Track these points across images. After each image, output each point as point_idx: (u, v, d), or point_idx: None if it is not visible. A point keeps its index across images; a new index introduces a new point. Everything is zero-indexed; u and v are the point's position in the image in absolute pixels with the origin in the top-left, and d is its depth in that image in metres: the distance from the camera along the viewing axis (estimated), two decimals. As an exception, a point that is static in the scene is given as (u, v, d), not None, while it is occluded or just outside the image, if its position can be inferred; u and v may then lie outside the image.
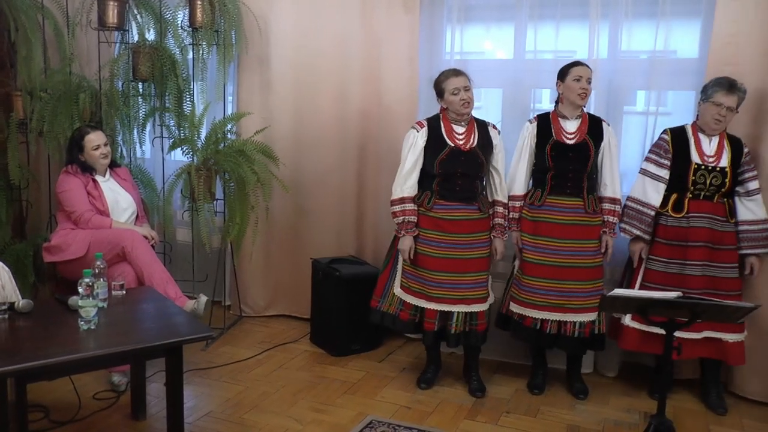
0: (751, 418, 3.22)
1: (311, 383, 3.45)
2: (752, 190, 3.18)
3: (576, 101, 3.21)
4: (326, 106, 4.12)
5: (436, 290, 3.27)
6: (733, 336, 3.19)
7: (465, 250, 3.25)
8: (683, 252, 3.19)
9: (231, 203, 4.02)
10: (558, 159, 3.24)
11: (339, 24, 4.03)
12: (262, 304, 4.43)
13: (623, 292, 2.48)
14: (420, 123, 3.32)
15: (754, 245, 3.17)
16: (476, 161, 3.23)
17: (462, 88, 3.17)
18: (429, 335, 3.35)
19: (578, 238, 3.24)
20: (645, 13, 3.51)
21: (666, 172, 3.26)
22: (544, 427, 3.05)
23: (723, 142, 3.19)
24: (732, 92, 3.08)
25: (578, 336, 3.25)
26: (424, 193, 3.30)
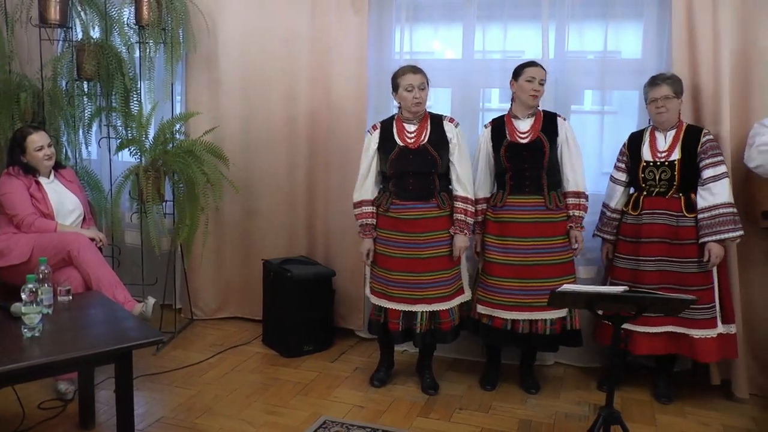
0: (694, 405, 3.33)
1: (264, 385, 3.43)
2: (706, 178, 3.16)
3: (527, 102, 3.26)
4: (276, 106, 4.10)
5: (397, 290, 3.28)
6: (701, 332, 3.20)
7: (424, 249, 3.25)
8: (636, 248, 3.27)
9: (180, 204, 3.96)
10: (513, 159, 3.29)
11: (288, 24, 4.01)
12: (214, 307, 4.38)
13: (571, 287, 2.53)
14: (374, 126, 3.35)
15: (711, 231, 3.12)
16: (427, 158, 3.23)
17: (416, 87, 3.18)
18: (396, 336, 3.35)
19: (542, 236, 3.27)
20: (590, 15, 3.61)
21: (622, 174, 3.38)
22: (496, 423, 3.10)
23: (679, 136, 3.24)
24: (657, 84, 3.18)
25: (549, 333, 3.29)
26: (383, 194, 3.32)
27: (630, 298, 2.48)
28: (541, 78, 3.22)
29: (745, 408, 3.32)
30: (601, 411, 2.50)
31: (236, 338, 4.06)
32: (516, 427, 3.07)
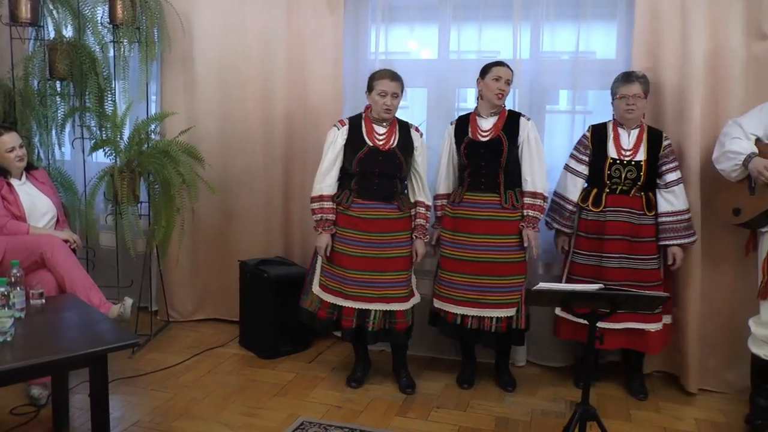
0: (667, 400, 3.39)
1: (241, 387, 3.41)
2: (670, 182, 3.25)
3: (492, 100, 3.28)
4: (252, 106, 4.08)
5: (353, 288, 3.28)
6: (653, 325, 3.31)
7: (383, 249, 3.27)
8: (600, 245, 3.31)
9: (156, 206, 3.93)
10: (471, 156, 3.32)
11: (264, 23, 4.00)
12: (190, 309, 4.35)
13: (547, 285, 2.55)
14: (341, 121, 3.34)
15: (675, 236, 3.24)
16: (395, 162, 3.25)
17: (390, 94, 3.19)
18: (348, 333, 3.36)
19: (495, 234, 3.30)
20: (565, 16, 3.63)
21: (584, 167, 3.38)
22: (473, 421, 3.12)
23: (642, 136, 3.30)
24: (631, 81, 3.22)
25: (495, 331, 3.32)
26: (344, 191, 3.32)
27: (604, 295, 2.51)
28: (508, 78, 3.25)
29: (713, 402, 3.40)
30: (578, 408, 2.52)
31: (213, 340, 4.04)
32: (493, 424, 3.09)
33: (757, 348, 3.06)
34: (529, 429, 3.06)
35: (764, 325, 3.01)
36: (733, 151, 3.03)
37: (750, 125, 3.06)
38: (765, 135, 3.04)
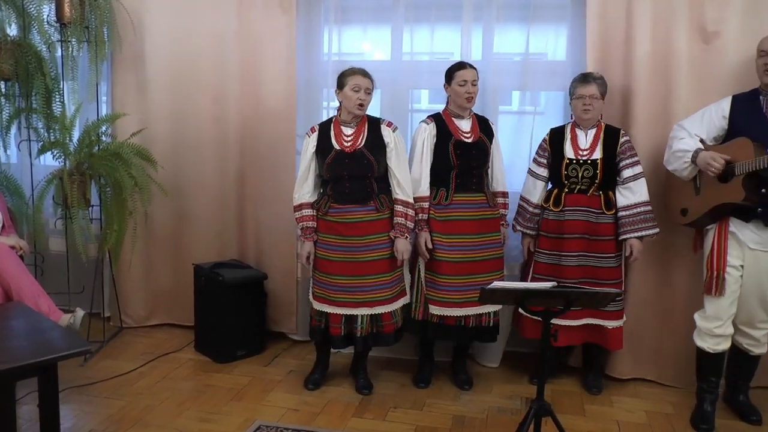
0: (619, 395, 3.48)
1: (197, 392, 3.37)
2: (627, 178, 3.31)
3: (463, 104, 3.31)
4: (205, 107, 4.03)
5: (337, 294, 3.27)
6: (613, 322, 3.39)
7: (363, 253, 3.25)
8: (559, 244, 3.37)
9: (108, 209, 3.85)
10: (462, 157, 3.33)
11: (216, 23, 3.95)
12: (144, 314, 4.28)
13: (501, 284, 2.58)
14: (312, 128, 3.35)
15: (631, 229, 3.29)
16: (363, 162, 3.23)
17: (363, 89, 3.19)
18: (337, 340, 3.34)
19: (486, 232, 3.37)
20: (515, 18, 3.69)
21: (544, 170, 3.46)
22: (430, 419, 3.14)
23: (599, 135, 3.37)
24: (588, 82, 3.29)
25: (493, 325, 3.40)
26: (322, 198, 3.32)
27: (558, 293, 2.56)
28: (473, 79, 3.29)
29: (663, 394, 3.50)
30: (533, 404, 2.56)
31: (167, 345, 3.98)
32: (450, 422, 3.12)
33: (701, 341, 3.16)
34: (485, 426, 3.10)
35: (708, 319, 3.12)
36: (681, 149, 3.13)
37: (693, 127, 3.17)
38: (707, 137, 3.15)
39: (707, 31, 3.37)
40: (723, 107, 3.12)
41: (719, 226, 3.10)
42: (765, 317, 3.12)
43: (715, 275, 3.06)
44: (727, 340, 3.13)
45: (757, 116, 3.01)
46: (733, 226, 3.06)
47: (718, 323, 3.09)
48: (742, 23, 3.30)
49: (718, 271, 3.05)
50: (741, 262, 3.05)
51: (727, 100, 3.13)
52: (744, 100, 3.09)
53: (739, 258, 3.05)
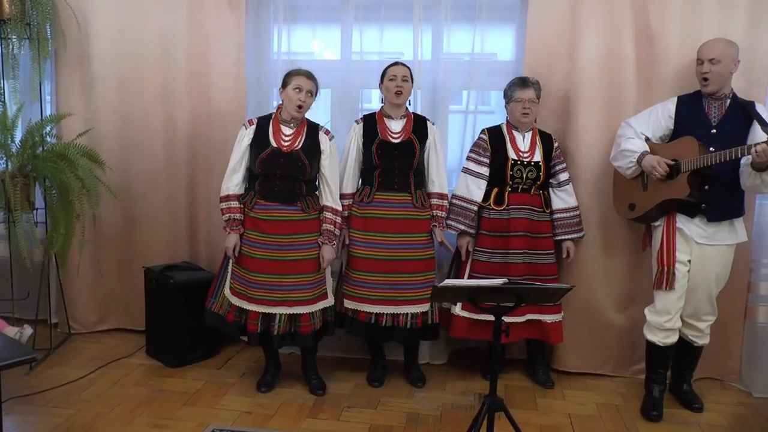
0: (570, 388, 3.55)
1: (149, 398, 3.31)
2: (563, 181, 3.49)
3: (392, 100, 3.34)
4: (153, 106, 3.96)
5: (256, 291, 3.25)
6: (551, 317, 3.49)
7: (286, 252, 3.24)
8: (505, 242, 3.42)
9: (53, 212, 3.73)
10: (384, 157, 3.35)
11: (164, 21, 3.89)
12: (93, 319, 4.18)
13: (453, 282, 2.59)
14: (250, 120, 3.32)
15: (568, 231, 3.48)
16: (297, 164, 3.22)
17: (305, 90, 3.18)
18: (253, 337, 3.32)
19: (408, 232, 3.36)
20: (464, 18, 3.72)
21: (486, 169, 3.48)
22: (384, 418, 3.15)
23: (535, 138, 3.46)
24: (526, 86, 3.36)
25: (411, 327, 3.38)
26: (249, 192, 3.29)
27: (510, 289, 2.59)
28: (404, 75, 3.31)
29: (612, 386, 3.59)
30: (486, 399, 2.59)
31: (118, 351, 3.89)
32: (404, 420, 3.13)
33: (651, 335, 3.25)
34: (439, 423, 3.12)
35: (658, 313, 3.21)
36: (628, 149, 3.23)
37: (640, 126, 3.28)
38: (653, 135, 3.26)
39: (651, 34, 3.46)
40: (669, 108, 3.23)
41: (667, 223, 3.20)
42: (710, 310, 3.24)
43: (665, 270, 3.16)
44: (676, 333, 3.23)
45: (700, 117, 3.13)
46: (680, 222, 3.16)
47: (668, 317, 3.18)
48: (684, 26, 3.40)
49: (668, 266, 3.15)
50: (689, 257, 3.16)
51: (672, 101, 3.24)
52: (688, 101, 3.20)
53: (686, 253, 3.15)
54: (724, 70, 3.04)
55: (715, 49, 3.04)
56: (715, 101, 3.12)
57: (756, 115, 3.01)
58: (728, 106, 3.11)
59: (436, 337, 3.52)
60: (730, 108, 3.10)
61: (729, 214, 3.13)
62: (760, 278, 3.55)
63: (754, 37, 3.37)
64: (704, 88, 3.10)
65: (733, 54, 3.06)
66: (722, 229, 3.13)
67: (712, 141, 3.05)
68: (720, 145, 2.98)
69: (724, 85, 3.10)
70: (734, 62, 3.06)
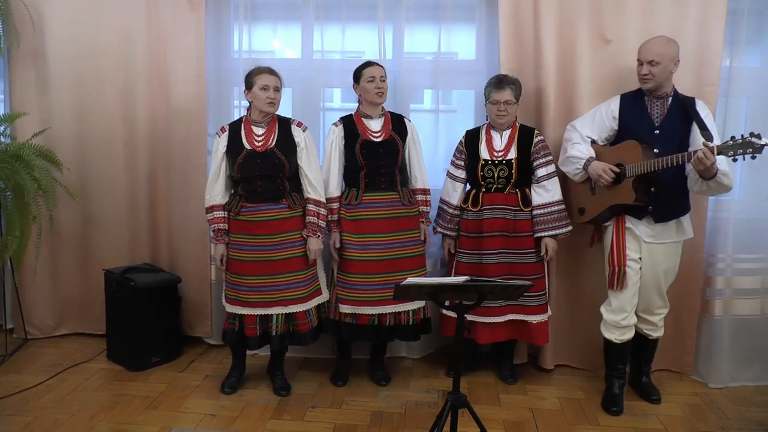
0: (533, 383, 3.60)
1: (110, 403, 3.25)
2: (541, 176, 3.41)
3: (374, 100, 3.33)
4: (112, 105, 3.89)
5: (251, 295, 3.24)
6: (536, 317, 3.46)
7: (276, 251, 3.23)
8: (480, 243, 3.43)
9: (8, 214, 3.65)
10: (369, 157, 3.34)
11: (122, 18, 3.82)
12: (51, 324, 4.09)
13: (414, 280, 2.60)
14: (222, 128, 3.30)
15: (545, 227, 3.40)
16: (274, 162, 3.21)
17: (272, 87, 3.17)
18: (253, 341, 3.30)
19: (400, 230, 3.38)
20: (426, 18, 3.74)
21: (462, 171, 3.51)
22: (349, 417, 3.16)
23: (514, 135, 3.44)
24: (502, 87, 3.35)
25: (413, 323, 3.41)
26: (234, 198, 3.28)
27: (470, 287, 2.60)
28: (381, 75, 3.32)
29: (574, 380, 3.65)
30: (449, 396, 2.60)
31: (77, 356, 3.82)
32: (368, 419, 3.14)
33: (608, 333, 3.31)
34: (403, 421, 3.14)
35: (614, 312, 3.27)
36: (574, 156, 3.27)
37: (585, 129, 3.32)
38: (599, 137, 3.30)
39: (606, 35, 3.52)
40: (612, 108, 3.26)
41: (616, 224, 3.24)
42: (662, 303, 3.32)
43: (617, 270, 3.21)
44: (632, 330, 3.30)
45: (644, 117, 3.17)
46: (629, 222, 3.22)
47: (623, 315, 3.24)
48: (638, 27, 3.47)
49: (620, 266, 3.20)
50: (639, 255, 3.22)
51: (615, 101, 3.27)
52: (631, 99, 3.24)
53: (636, 251, 3.22)
54: (664, 70, 3.08)
55: (654, 50, 3.07)
56: (657, 100, 3.17)
57: (695, 114, 3.06)
58: (670, 105, 3.15)
59: (430, 330, 3.54)
60: (672, 107, 3.15)
61: (676, 214, 3.19)
62: (716, 272, 3.64)
63: (706, 37, 3.45)
64: (644, 86, 3.15)
65: (673, 53, 3.09)
66: (670, 226, 3.20)
67: (655, 142, 3.09)
68: (663, 145, 3.04)
69: (665, 84, 3.14)
70: (674, 62, 3.10)
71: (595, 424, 3.15)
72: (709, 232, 3.62)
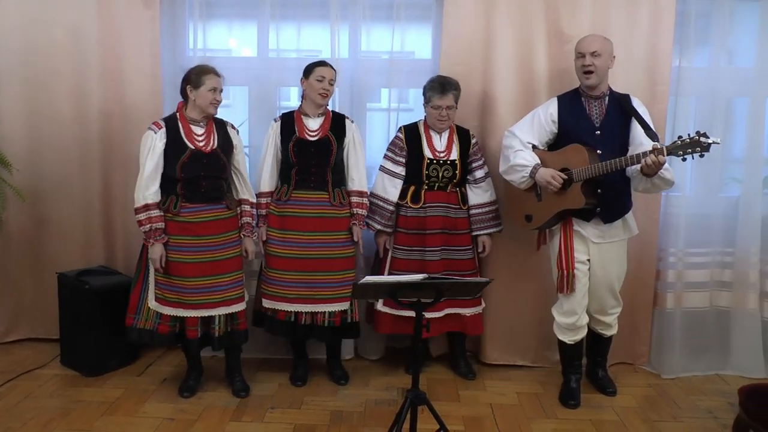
0: (492, 379, 3.65)
1: (65, 410, 3.18)
2: (479, 177, 3.51)
3: (316, 100, 3.32)
4: (64, 104, 3.80)
5: (193, 297, 3.20)
6: (470, 310, 3.57)
7: (217, 251, 3.21)
8: (422, 239, 3.46)
9: (-45, 218, 3.55)
10: (300, 155, 3.34)
11: (73, 15, 3.73)
12: (2, 330, 3.98)
13: (373, 278, 2.61)
14: (157, 124, 3.19)
15: (483, 226, 3.52)
16: (218, 163, 3.20)
17: (219, 90, 3.15)
18: (193, 343, 3.28)
19: (326, 231, 3.36)
20: (382, 17, 3.74)
21: (402, 168, 3.51)
22: (308, 417, 3.15)
23: (453, 137, 3.50)
24: (446, 93, 3.35)
25: (329, 325, 3.39)
26: (169, 197, 3.18)
27: (430, 285, 2.62)
28: (331, 78, 3.31)
29: (533, 375, 3.71)
30: (408, 394, 2.61)
31: (30, 362, 3.72)
32: (328, 419, 3.14)
33: (561, 335, 3.37)
34: (363, 419, 3.15)
35: (566, 314, 3.32)
36: (519, 164, 3.22)
37: (524, 135, 3.28)
38: (539, 142, 3.29)
39: (562, 35, 3.57)
40: (551, 111, 3.26)
41: (563, 227, 3.26)
42: (615, 303, 3.38)
43: (565, 274, 3.23)
44: (584, 329, 3.35)
45: (583, 119, 3.19)
46: (577, 225, 3.24)
47: (575, 317, 3.29)
48: (594, 28, 3.51)
49: (568, 270, 3.23)
50: (587, 257, 3.26)
51: (553, 104, 3.28)
52: (568, 101, 3.25)
53: (584, 253, 3.25)
54: (604, 63, 3.13)
55: (595, 43, 3.12)
56: (595, 100, 3.19)
57: (633, 111, 3.11)
58: (608, 105, 3.18)
59: (356, 335, 3.55)
60: (610, 106, 3.18)
61: (622, 213, 3.25)
62: (668, 266, 3.74)
63: (657, 38, 3.55)
64: (586, 81, 3.14)
65: (610, 50, 3.16)
66: (617, 225, 3.25)
67: (597, 143, 3.12)
68: (605, 146, 3.08)
69: (603, 81, 3.17)
70: (611, 57, 3.17)
71: (553, 418, 3.21)
72: (661, 227, 3.72)
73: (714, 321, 3.77)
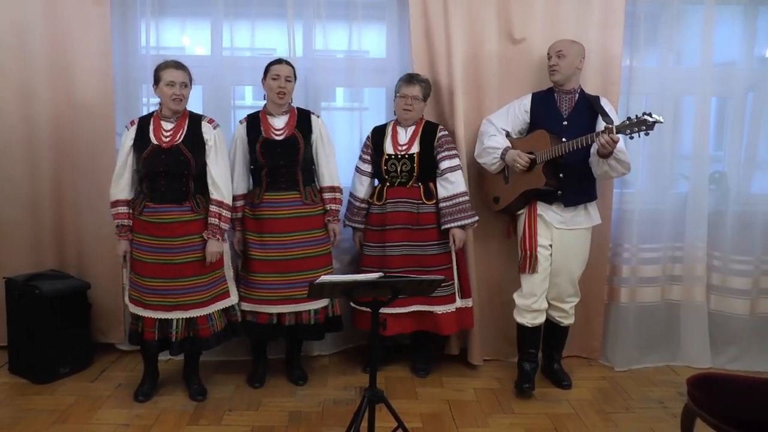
0: (449, 375, 3.68)
1: (13, 420, 3.08)
2: (444, 169, 3.48)
3: (274, 99, 3.31)
4: (9, 104, 3.69)
5: (151, 297, 3.16)
6: (442, 308, 3.52)
7: (177, 254, 3.15)
8: (383, 235, 3.49)
9: None
10: (268, 155, 3.32)
11: (17, 11, 3.62)
12: (-55, 338, 3.84)
13: (328, 278, 2.60)
14: (132, 121, 3.22)
15: (452, 218, 3.47)
16: (179, 158, 3.12)
17: (178, 83, 3.09)
18: (151, 345, 3.22)
19: (300, 230, 3.35)
20: (337, 16, 3.73)
21: (368, 166, 3.58)
22: (266, 418, 3.14)
23: (418, 131, 3.52)
24: (412, 83, 3.44)
25: (314, 323, 3.40)
26: (138, 196, 3.18)
27: (385, 283, 2.63)
28: (287, 75, 3.29)
29: (489, 371, 3.76)
30: (366, 392, 2.61)
31: (-24, 370, 3.62)
32: (286, 419, 3.13)
33: (520, 317, 3.46)
34: (321, 419, 3.15)
35: (525, 296, 3.43)
36: (491, 147, 3.42)
37: (500, 122, 3.49)
38: (513, 130, 3.48)
39: (514, 35, 3.64)
40: (525, 103, 3.46)
41: (528, 211, 3.43)
42: (573, 292, 3.49)
43: (528, 254, 3.38)
44: (543, 314, 3.45)
45: (553, 111, 3.38)
46: (540, 209, 3.40)
47: (533, 299, 3.40)
48: (545, 29, 3.61)
49: (531, 250, 3.37)
50: (549, 242, 3.39)
51: (528, 98, 3.48)
52: (541, 97, 3.46)
53: (547, 238, 3.39)
54: (571, 63, 3.32)
55: (561, 45, 3.35)
56: (566, 95, 3.38)
57: (599, 107, 3.27)
58: (577, 100, 3.37)
59: (340, 328, 3.56)
60: (579, 102, 3.37)
61: (583, 199, 3.39)
62: (622, 261, 3.84)
63: (608, 40, 3.63)
64: (552, 77, 3.36)
65: (578, 51, 3.34)
66: (578, 213, 3.39)
67: (563, 132, 3.30)
68: (571, 135, 3.21)
69: (571, 79, 3.36)
70: (579, 58, 3.35)
71: (510, 413, 3.25)
72: (615, 222, 3.80)
73: (665, 314, 3.88)
